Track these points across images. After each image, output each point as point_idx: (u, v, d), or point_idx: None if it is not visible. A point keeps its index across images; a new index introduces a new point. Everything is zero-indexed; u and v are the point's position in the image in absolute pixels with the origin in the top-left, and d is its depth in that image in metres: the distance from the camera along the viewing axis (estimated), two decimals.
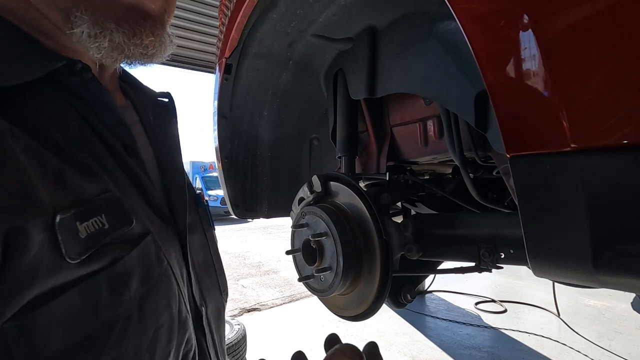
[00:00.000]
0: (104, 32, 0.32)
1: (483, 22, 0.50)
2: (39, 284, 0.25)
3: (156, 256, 0.36)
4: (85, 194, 0.29)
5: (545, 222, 0.47)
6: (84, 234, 0.28)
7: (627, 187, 0.39)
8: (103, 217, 0.30)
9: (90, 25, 0.31)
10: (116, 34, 0.32)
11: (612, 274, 0.43)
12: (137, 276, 0.32)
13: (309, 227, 0.95)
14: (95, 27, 0.31)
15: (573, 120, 0.42)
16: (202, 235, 0.51)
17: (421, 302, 3.28)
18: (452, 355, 2.32)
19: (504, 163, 0.70)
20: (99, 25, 0.32)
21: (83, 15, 0.31)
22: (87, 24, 0.31)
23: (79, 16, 0.31)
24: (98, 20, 0.31)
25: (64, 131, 0.31)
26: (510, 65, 0.47)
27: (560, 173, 0.44)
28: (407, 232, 0.90)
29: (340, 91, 1.15)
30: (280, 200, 1.50)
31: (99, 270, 0.29)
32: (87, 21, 0.31)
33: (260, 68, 1.23)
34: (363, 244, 0.89)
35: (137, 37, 0.33)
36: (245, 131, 1.39)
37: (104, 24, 0.32)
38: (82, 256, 0.28)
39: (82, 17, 0.31)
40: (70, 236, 0.27)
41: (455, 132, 0.83)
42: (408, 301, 1.00)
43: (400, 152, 1.15)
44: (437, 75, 0.81)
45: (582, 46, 0.41)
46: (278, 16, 1.03)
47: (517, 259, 0.78)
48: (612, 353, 2.20)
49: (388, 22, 0.98)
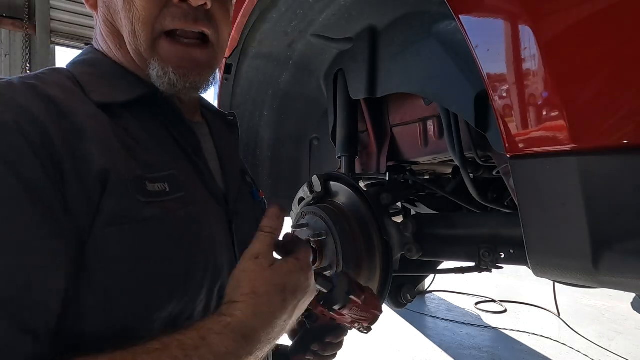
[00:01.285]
0: (166, 74, 0.48)
1: (483, 22, 0.50)
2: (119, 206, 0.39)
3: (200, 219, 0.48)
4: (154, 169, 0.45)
5: (545, 222, 0.47)
6: (151, 189, 0.43)
7: (626, 187, 0.39)
8: (165, 184, 0.45)
9: (158, 69, 0.48)
10: (172, 75, 0.49)
11: (612, 274, 0.43)
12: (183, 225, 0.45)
13: (309, 227, 0.96)
14: (161, 70, 0.48)
15: (573, 120, 0.42)
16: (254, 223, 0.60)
17: (421, 302, 3.28)
18: (452, 355, 2.32)
19: (504, 163, 0.70)
20: (163, 69, 0.48)
21: (155, 63, 0.49)
22: (156, 69, 0.48)
23: (153, 63, 0.49)
24: (163, 66, 0.49)
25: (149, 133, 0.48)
26: (510, 65, 0.47)
27: (560, 173, 0.44)
28: (407, 232, 0.90)
29: (340, 91, 1.16)
30: (280, 200, 1.50)
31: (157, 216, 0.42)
32: (157, 67, 0.48)
33: (260, 68, 1.23)
34: (363, 244, 0.89)
35: (185, 77, 0.50)
36: (245, 131, 1.40)
37: (166, 68, 0.49)
38: (147, 199, 0.42)
39: (154, 64, 0.49)
40: (140, 187, 0.42)
41: (455, 132, 0.83)
42: (408, 301, 1.00)
43: (400, 152, 1.15)
44: (437, 75, 0.81)
45: (582, 46, 0.41)
46: (278, 16, 1.03)
47: (517, 259, 0.78)
48: (612, 353, 2.20)
49: (388, 22, 0.98)
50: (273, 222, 0.47)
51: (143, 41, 0.48)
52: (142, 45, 0.49)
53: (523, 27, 0.45)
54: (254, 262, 0.43)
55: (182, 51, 0.50)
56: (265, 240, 0.45)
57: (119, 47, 0.52)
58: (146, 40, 0.48)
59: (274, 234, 0.46)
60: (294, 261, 0.46)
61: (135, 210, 0.41)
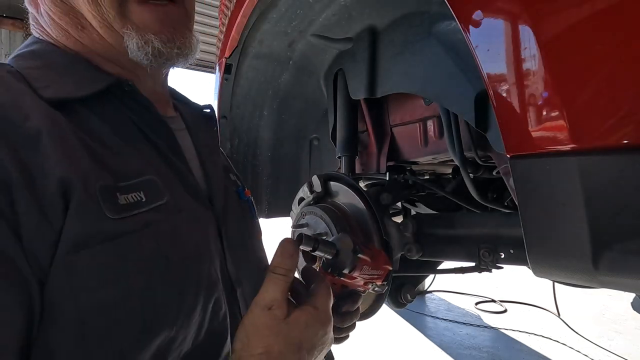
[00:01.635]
0: (147, 42, 0.42)
1: (483, 22, 0.50)
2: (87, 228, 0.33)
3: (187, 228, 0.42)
4: (127, 175, 0.38)
5: (545, 222, 0.47)
6: (123, 202, 0.36)
7: (626, 187, 0.39)
8: (141, 193, 0.38)
9: (137, 39, 0.42)
10: (156, 42, 0.42)
11: (612, 274, 0.43)
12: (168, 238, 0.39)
13: (309, 227, 0.95)
14: (140, 39, 0.42)
15: (573, 120, 0.42)
16: (243, 223, 0.57)
17: (421, 302, 3.28)
18: (452, 355, 2.32)
19: (504, 163, 0.70)
20: (143, 38, 0.42)
21: (131, 32, 0.42)
22: (135, 39, 0.42)
23: (128, 33, 0.42)
24: (142, 34, 0.42)
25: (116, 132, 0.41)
26: (510, 65, 0.47)
27: (560, 173, 0.44)
28: (407, 232, 0.90)
29: (340, 91, 1.15)
30: (280, 201, 1.50)
31: (135, 230, 0.36)
32: (134, 36, 0.42)
33: (260, 68, 1.23)
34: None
35: (171, 42, 0.43)
36: (245, 131, 1.39)
37: (146, 36, 0.42)
38: (120, 215, 0.36)
39: (130, 34, 0.42)
40: (110, 200, 0.35)
41: (455, 132, 0.83)
42: (408, 301, 1.00)
43: (400, 152, 1.15)
44: (437, 75, 0.81)
45: (582, 46, 0.41)
46: (278, 16, 1.03)
47: (517, 259, 0.78)
48: (612, 353, 2.20)
49: (388, 22, 0.98)
50: (287, 262, 0.40)
51: (108, 7, 0.41)
52: (109, 13, 0.41)
53: (523, 27, 0.45)
54: (267, 314, 0.37)
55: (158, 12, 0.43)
56: (279, 285, 0.39)
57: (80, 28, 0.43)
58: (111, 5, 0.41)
59: (287, 276, 0.40)
60: (312, 311, 0.40)
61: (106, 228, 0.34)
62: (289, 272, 0.40)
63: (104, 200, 0.35)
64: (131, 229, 0.36)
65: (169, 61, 0.45)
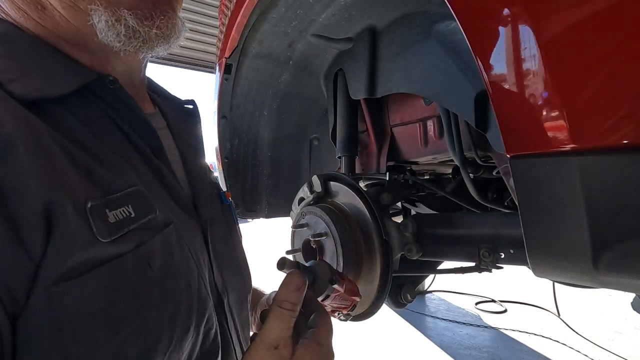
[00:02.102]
0: (120, 20, 0.35)
1: (483, 22, 0.50)
2: (75, 255, 0.29)
3: (178, 243, 0.39)
4: (114, 188, 0.34)
5: (545, 222, 0.47)
6: (113, 220, 0.32)
7: (626, 187, 0.39)
8: (130, 207, 0.34)
9: (107, 16, 0.35)
10: (130, 19, 0.35)
11: (612, 274, 0.43)
12: (159, 258, 0.36)
13: (309, 227, 0.95)
14: (111, 16, 0.35)
15: (573, 120, 0.42)
16: (226, 229, 0.55)
17: (421, 302, 3.28)
18: (452, 355, 2.32)
19: (504, 163, 0.70)
20: (114, 14, 0.35)
21: (99, 8, 0.34)
22: (104, 16, 0.35)
23: (95, 8, 0.34)
24: (113, 10, 0.35)
25: (97, 135, 0.36)
26: (510, 65, 0.47)
27: (560, 173, 0.44)
28: (407, 232, 0.90)
29: (340, 91, 1.15)
30: (280, 200, 1.50)
31: (127, 252, 0.33)
32: (103, 13, 0.35)
33: (260, 68, 1.23)
34: (363, 244, 0.89)
35: (149, 20, 0.36)
36: (245, 131, 1.39)
37: (118, 12, 0.35)
38: (112, 237, 0.32)
39: (99, 10, 0.34)
40: (101, 220, 0.31)
41: (455, 132, 0.83)
42: (408, 301, 1.00)
43: (400, 152, 1.15)
44: (437, 75, 0.81)
45: (582, 46, 0.41)
46: (278, 16, 1.03)
47: (517, 259, 0.78)
48: (612, 353, 2.19)
49: (388, 22, 0.98)
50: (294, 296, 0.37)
51: None
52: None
53: (523, 27, 0.45)
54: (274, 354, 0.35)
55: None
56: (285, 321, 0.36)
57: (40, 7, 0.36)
58: None
59: (294, 311, 0.37)
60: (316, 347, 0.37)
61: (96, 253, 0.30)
62: (296, 307, 0.37)
63: (95, 222, 0.30)
64: (122, 251, 0.32)
65: (146, 44, 0.37)
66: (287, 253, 1.00)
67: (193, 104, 0.57)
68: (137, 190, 0.36)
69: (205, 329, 0.41)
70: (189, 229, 0.43)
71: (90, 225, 0.30)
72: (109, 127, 0.39)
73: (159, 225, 0.37)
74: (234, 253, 0.55)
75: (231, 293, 0.50)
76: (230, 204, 0.59)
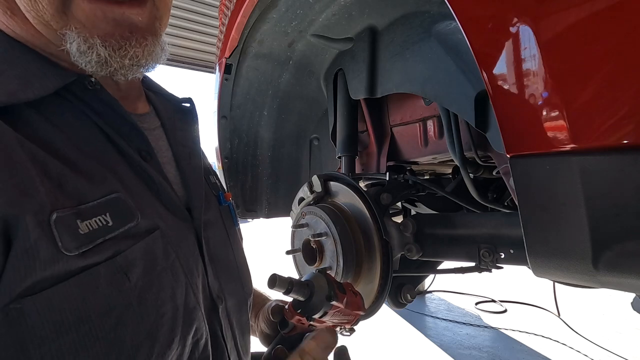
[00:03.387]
0: (92, 47, 0.34)
1: (483, 22, 0.50)
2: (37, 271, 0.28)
3: (163, 250, 0.37)
4: (88, 196, 0.32)
5: (546, 222, 0.47)
6: (85, 230, 0.31)
7: (626, 187, 0.39)
8: (107, 215, 0.33)
9: (79, 42, 0.34)
10: (101, 49, 0.34)
11: (612, 274, 0.43)
12: (140, 268, 0.34)
13: (309, 227, 0.95)
14: (83, 43, 0.34)
15: (573, 120, 0.42)
16: (223, 231, 0.53)
17: (421, 302, 3.28)
18: (452, 355, 2.32)
19: (504, 163, 0.70)
20: (87, 42, 0.34)
21: (72, 33, 0.33)
22: (76, 42, 0.34)
23: (69, 34, 0.34)
24: (86, 37, 0.34)
25: (75, 140, 0.34)
26: (510, 65, 0.47)
27: (560, 173, 0.44)
28: (407, 232, 0.90)
29: (340, 91, 1.15)
30: (280, 201, 1.50)
31: (99, 263, 0.31)
32: (76, 38, 0.34)
33: (260, 68, 1.23)
34: (363, 244, 0.89)
35: (122, 50, 0.35)
36: (245, 131, 1.39)
37: (90, 40, 0.34)
38: (81, 249, 0.30)
39: (71, 35, 0.33)
40: (68, 232, 0.29)
41: (455, 132, 0.83)
42: (408, 301, 1.00)
43: (400, 152, 1.15)
44: (437, 75, 0.81)
45: (582, 46, 0.41)
46: (278, 16, 1.03)
47: (517, 259, 0.78)
48: (612, 353, 2.19)
49: (388, 22, 0.98)
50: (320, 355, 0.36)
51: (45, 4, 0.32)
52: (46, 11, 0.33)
53: (523, 27, 0.45)
54: None
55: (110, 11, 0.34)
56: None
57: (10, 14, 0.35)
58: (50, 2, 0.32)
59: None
60: None
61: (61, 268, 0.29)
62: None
63: (61, 234, 0.29)
64: (93, 262, 0.31)
65: (118, 72, 0.36)
66: (287, 253, 1.00)
67: (190, 102, 0.55)
68: (117, 197, 0.34)
69: (194, 340, 0.39)
70: (179, 234, 0.41)
71: (54, 238, 0.29)
72: (91, 132, 0.37)
73: (141, 232, 0.36)
74: (232, 257, 0.53)
75: (229, 298, 0.49)
76: (230, 205, 0.57)
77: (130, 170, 0.39)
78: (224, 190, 0.58)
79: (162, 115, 0.50)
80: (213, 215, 0.51)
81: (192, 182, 0.47)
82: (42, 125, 0.33)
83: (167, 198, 0.41)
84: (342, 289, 0.53)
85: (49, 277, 0.28)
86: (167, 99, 0.54)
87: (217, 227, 0.51)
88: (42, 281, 0.28)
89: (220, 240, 0.51)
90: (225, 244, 0.52)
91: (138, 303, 0.33)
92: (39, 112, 0.34)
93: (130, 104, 0.45)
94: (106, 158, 0.37)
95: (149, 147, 0.41)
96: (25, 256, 0.27)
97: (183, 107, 0.54)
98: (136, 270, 0.34)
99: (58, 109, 0.35)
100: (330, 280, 0.53)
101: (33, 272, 0.27)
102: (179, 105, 0.55)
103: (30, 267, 0.27)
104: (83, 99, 0.37)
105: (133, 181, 0.38)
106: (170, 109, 0.52)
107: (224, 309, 0.47)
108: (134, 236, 0.35)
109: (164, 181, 0.42)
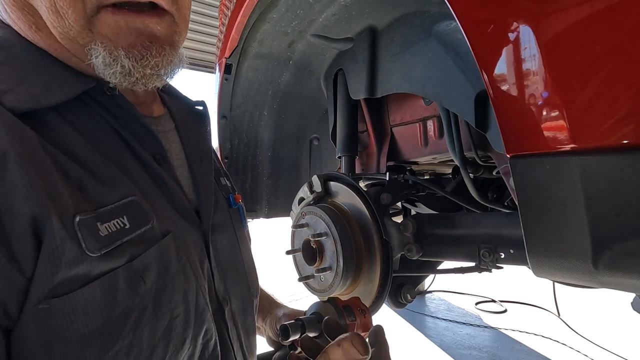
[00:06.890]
0: (117, 59, 0.36)
1: (483, 22, 0.50)
2: (63, 270, 0.29)
3: (175, 253, 0.39)
4: (107, 199, 0.33)
5: (545, 222, 0.47)
6: (105, 233, 0.32)
7: (626, 187, 0.39)
8: (124, 218, 0.34)
9: (104, 55, 0.35)
10: (125, 60, 0.36)
11: (612, 274, 0.43)
12: (154, 271, 0.35)
13: (309, 227, 0.95)
14: (109, 56, 0.35)
15: (573, 120, 0.42)
16: (232, 234, 0.53)
17: (421, 302, 3.28)
18: (452, 355, 2.32)
19: (504, 163, 0.70)
20: (111, 54, 0.35)
21: (98, 47, 0.35)
22: (102, 55, 0.35)
23: (95, 48, 0.35)
24: (111, 50, 0.35)
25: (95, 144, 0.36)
26: (510, 65, 0.47)
27: (560, 173, 0.44)
28: (407, 232, 0.90)
29: (340, 91, 1.15)
30: (280, 201, 1.50)
31: (118, 267, 0.32)
32: (101, 52, 0.35)
33: (260, 68, 1.23)
34: (363, 244, 0.89)
35: (144, 60, 0.36)
36: (245, 131, 1.39)
37: (115, 52, 0.35)
38: (103, 250, 0.31)
39: (97, 49, 0.35)
40: (91, 234, 0.31)
41: (455, 132, 0.83)
42: (408, 301, 1.00)
43: (400, 152, 1.15)
44: (437, 75, 0.81)
45: (582, 46, 0.41)
46: (278, 16, 1.03)
47: (517, 259, 0.78)
48: (612, 353, 2.19)
49: (388, 22, 0.98)
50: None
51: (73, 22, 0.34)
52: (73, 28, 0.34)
53: (523, 26, 0.45)
54: None
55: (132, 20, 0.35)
56: None
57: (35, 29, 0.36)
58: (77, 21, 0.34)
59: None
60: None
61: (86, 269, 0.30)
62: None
63: (85, 236, 0.30)
64: (114, 266, 0.32)
65: (139, 81, 0.38)
66: (287, 253, 1.00)
67: (203, 105, 0.57)
68: (133, 200, 0.35)
69: (204, 340, 0.41)
70: (188, 237, 0.42)
71: (78, 239, 0.30)
72: (109, 136, 0.38)
73: (156, 236, 0.37)
74: (239, 258, 0.54)
75: (234, 300, 0.49)
76: (240, 208, 0.58)
77: (145, 173, 0.40)
78: (235, 191, 0.59)
79: (176, 117, 0.51)
80: (222, 217, 0.51)
81: (202, 186, 0.48)
82: (63, 129, 0.34)
83: (178, 201, 0.43)
84: (350, 313, 0.53)
85: (74, 278, 0.29)
86: (181, 101, 0.55)
87: (225, 230, 0.51)
88: (67, 281, 0.29)
89: (228, 242, 0.51)
90: (233, 247, 0.53)
91: (153, 305, 0.34)
92: (60, 115, 0.35)
93: (146, 108, 0.46)
94: (123, 161, 0.38)
95: (162, 151, 0.43)
96: (52, 255, 0.28)
97: (196, 110, 0.55)
98: (151, 273, 0.35)
99: (78, 113, 0.37)
100: (339, 307, 0.52)
101: (59, 271, 0.28)
102: (192, 107, 0.56)
103: (57, 266, 0.28)
104: (102, 103, 0.39)
105: (147, 184, 0.39)
106: (184, 111, 0.53)
107: (229, 310, 0.48)
108: (148, 240, 0.36)
109: (176, 185, 0.43)
